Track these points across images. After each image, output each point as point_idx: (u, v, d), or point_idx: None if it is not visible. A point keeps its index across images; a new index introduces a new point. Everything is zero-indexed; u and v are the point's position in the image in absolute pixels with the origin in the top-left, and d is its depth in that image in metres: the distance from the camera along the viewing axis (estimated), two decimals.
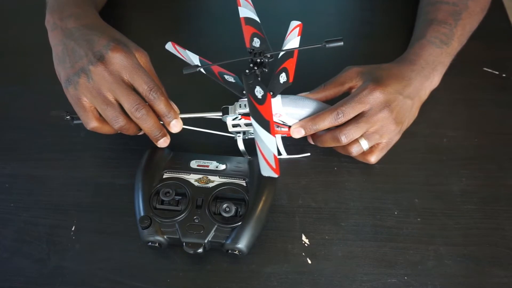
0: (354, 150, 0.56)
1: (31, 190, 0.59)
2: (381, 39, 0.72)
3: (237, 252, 0.51)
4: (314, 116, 0.54)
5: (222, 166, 0.56)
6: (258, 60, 0.48)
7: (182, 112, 0.55)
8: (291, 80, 0.52)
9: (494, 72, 0.68)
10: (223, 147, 0.60)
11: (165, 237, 0.51)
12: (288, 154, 0.60)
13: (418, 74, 0.58)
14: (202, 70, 0.51)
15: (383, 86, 0.54)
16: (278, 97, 0.54)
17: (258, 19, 0.54)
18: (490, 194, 0.58)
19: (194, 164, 0.56)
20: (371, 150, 0.57)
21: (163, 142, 0.55)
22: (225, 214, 0.51)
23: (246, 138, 0.58)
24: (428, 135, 0.62)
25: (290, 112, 0.54)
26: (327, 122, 0.54)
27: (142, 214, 0.52)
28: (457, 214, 0.56)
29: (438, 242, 0.54)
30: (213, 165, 0.56)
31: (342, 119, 0.54)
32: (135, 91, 0.53)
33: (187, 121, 0.56)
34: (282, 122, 0.56)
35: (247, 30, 0.53)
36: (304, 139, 0.59)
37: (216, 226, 0.51)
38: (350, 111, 0.54)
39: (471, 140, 0.62)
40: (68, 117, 0.56)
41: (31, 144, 0.63)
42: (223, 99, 0.56)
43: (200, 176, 0.55)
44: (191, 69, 0.48)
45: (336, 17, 0.77)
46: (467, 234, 0.55)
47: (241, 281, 0.52)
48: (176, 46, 0.55)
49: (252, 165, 0.56)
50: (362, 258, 0.54)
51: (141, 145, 0.59)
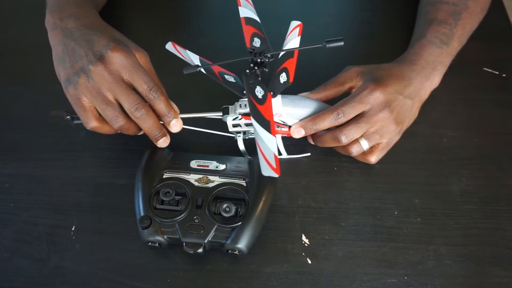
0: (354, 150, 0.56)
1: (31, 190, 0.59)
2: (381, 39, 0.72)
3: (237, 252, 0.51)
4: (314, 116, 0.54)
5: (222, 166, 0.56)
6: (259, 60, 0.48)
7: (182, 112, 0.55)
8: (292, 80, 0.52)
9: (494, 72, 0.68)
10: (223, 147, 0.60)
11: (165, 237, 0.51)
12: (288, 154, 0.60)
13: (418, 74, 0.58)
14: (202, 70, 0.51)
15: (384, 86, 0.54)
16: (279, 97, 0.54)
17: (258, 19, 0.54)
18: (490, 194, 0.58)
19: (194, 164, 0.56)
20: (371, 150, 0.57)
21: (163, 142, 0.55)
22: (225, 214, 0.51)
23: (246, 138, 0.58)
24: (428, 135, 0.62)
25: (291, 112, 0.54)
26: (327, 122, 0.54)
27: (142, 214, 0.52)
28: (457, 214, 0.56)
29: (438, 242, 0.54)
30: (213, 165, 0.56)
31: (342, 119, 0.54)
32: (135, 91, 0.53)
33: (187, 121, 0.56)
34: (283, 122, 0.56)
35: (248, 30, 0.53)
36: (304, 139, 0.59)
37: (216, 226, 0.51)
38: (350, 111, 0.54)
39: (471, 140, 0.62)
40: (68, 117, 0.56)
41: (31, 144, 0.62)
42: (223, 99, 0.55)
43: (200, 176, 0.55)
44: (192, 69, 0.48)
45: (336, 17, 0.77)
46: (467, 234, 0.55)
47: (241, 281, 0.52)
48: (176, 46, 0.55)
49: (252, 165, 0.56)
50: (362, 258, 0.54)
51: (141, 145, 0.59)
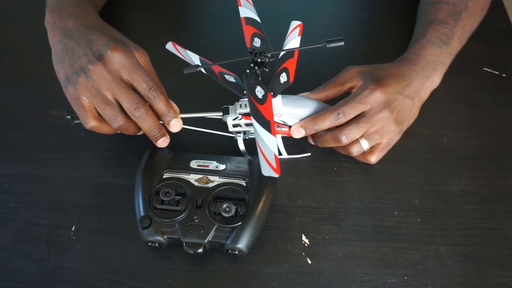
0: (355, 150, 0.56)
1: (31, 190, 0.59)
2: (381, 39, 0.72)
3: (237, 252, 0.51)
4: (315, 116, 0.54)
5: (222, 166, 0.56)
6: (259, 60, 0.48)
7: (182, 112, 0.55)
8: (292, 80, 0.52)
9: (494, 72, 0.68)
10: (223, 147, 0.60)
11: (165, 237, 0.51)
12: (288, 154, 0.60)
13: (419, 74, 0.58)
14: (202, 70, 0.51)
15: (384, 86, 0.54)
16: (279, 97, 0.54)
17: (258, 19, 0.54)
18: (490, 194, 0.58)
19: (194, 164, 0.56)
20: (372, 150, 0.57)
21: (163, 142, 0.55)
22: (225, 214, 0.51)
23: (247, 138, 0.58)
24: (428, 135, 0.62)
25: (291, 112, 0.54)
26: (328, 122, 0.54)
27: (142, 214, 0.52)
28: (457, 214, 0.56)
29: (438, 242, 0.54)
30: (213, 165, 0.56)
31: (342, 119, 0.54)
32: (135, 91, 0.53)
33: (187, 121, 0.56)
34: (283, 122, 0.56)
35: (248, 30, 0.53)
36: (304, 139, 0.59)
37: (216, 226, 0.51)
38: (350, 111, 0.54)
39: (471, 140, 0.62)
40: (68, 117, 0.56)
41: (31, 144, 0.62)
42: (224, 99, 0.55)
43: (200, 176, 0.55)
44: (192, 69, 0.48)
45: (336, 17, 0.77)
46: (467, 234, 0.55)
47: (241, 281, 0.52)
48: (176, 46, 0.55)
49: (252, 165, 0.56)
50: (362, 258, 0.54)
51: (141, 145, 0.59)
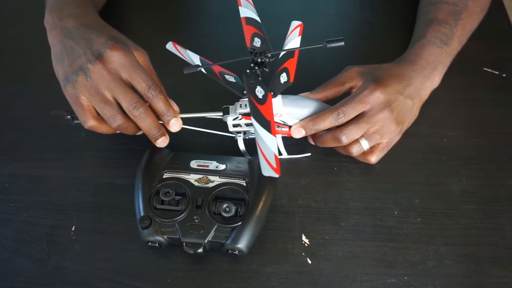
0: (355, 150, 0.56)
1: (31, 190, 0.59)
2: (381, 39, 0.72)
3: (237, 252, 0.51)
4: (315, 116, 0.54)
5: (222, 166, 0.56)
6: (259, 60, 0.48)
7: (182, 112, 0.55)
8: (292, 80, 0.52)
9: (494, 72, 0.68)
10: (223, 147, 0.60)
11: (165, 237, 0.51)
12: (288, 154, 0.60)
13: (419, 74, 0.58)
14: (202, 70, 0.51)
15: (384, 86, 0.54)
16: (279, 97, 0.54)
17: (258, 19, 0.54)
18: (490, 194, 0.58)
19: (194, 164, 0.56)
20: (372, 150, 0.57)
21: (162, 142, 0.55)
22: (225, 214, 0.51)
23: (247, 138, 0.58)
24: (428, 135, 0.62)
25: (291, 112, 0.54)
26: (328, 122, 0.54)
27: (142, 214, 0.52)
28: (457, 214, 0.56)
29: (438, 242, 0.54)
30: (213, 165, 0.56)
31: (342, 119, 0.54)
32: (134, 90, 0.53)
33: (187, 121, 0.56)
34: (283, 122, 0.56)
35: (248, 30, 0.53)
36: (304, 139, 0.59)
37: (216, 226, 0.51)
38: (350, 111, 0.54)
39: (471, 140, 0.62)
40: (68, 116, 0.56)
41: (31, 144, 0.62)
42: (224, 99, 0.55)
43: (200, 176, 0.55)
44: (192, 68, 0.48)
45: (336, 17, 0.77)
46: (467, 234, 0.55)
47: (241, 281, 0.52)
48: (176, 46, 0.55)
49: (252, 165, 0.56)
50: (362, 258, 0.54)
51: (141, 145, 0.59)
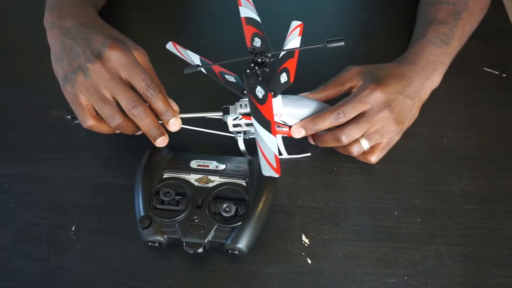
0: (355, 150, 0.56)
1: (31, 190, 0.58)
2: (381, 39, 0.72)
3: (237, 252, 0.51)
4: (315, 116, 0.54)
5: (222, 166, 0.56)
6: (259, 60, 0.48)
7: (182, 112, 0.55)
8: (292, 80, 0.52)
9: (494, 72, 0.68)
10: (223, 147, 0.60)
11: (165, 237, 0.51)
12: (288, 154, 0.60)
13: (419, 74, 0.58)
14: (203, 70, 0.51)
15: (384, 86, 0.54)
16: (279, 97, 0.53)
17: (259, 19, 0.54)
18: (490, 194, 0.58)
19: (194, 164, 0.56)
20: (372, 150, 0.57)
21: (161, 141, 0.55)
22: (225, 214, 0.51)
23: (247, 138, 0.58)
24: (428, 135, 0.62)
25: (291, 112, 0.54)
26: (328, 122, 0.54)
27: (142, 214, 0.52)
28: (457, 214, 0.56)
29: (438, 242, 0.54)
30: (213, 165, 0.56)
31: (342, 119, 0.54)
32: (133, 89, 0.52)
33: (187, 121, 0.56)
34: (283, 122, 0.56)
35: (248, 30, 0.53)
36: (304, 139, 0.59)
37: (216, 226, 0.51)
38: (350, 111, 0.54)
39: (471, 140, 0.62)
40: (68, 116, 0.56)
41: (31, 144, 0.62)
42: (224, 99, 0.55)
43: (200, 176, 0.55)
44: (192, 68, 0.48)
45: (336, 17, 0.77)
46: (467, 234, 0.55)
47: (241, 281, 0.52)
48: (176, 46, 0.55)
49: (252, 165, 0.56)
50: (362, 258, 0.54)
51: (141, 145, 0.59)
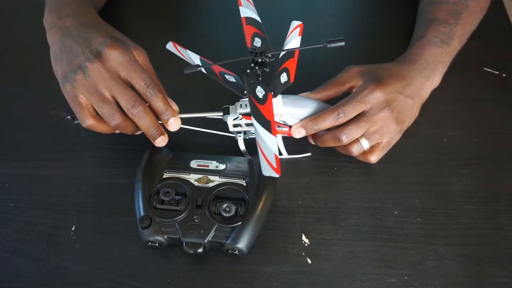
0: (355, 150, 0.56)
1: (31, 190, 0.58)
2: (381, 39, 0.72)
3: (237, 252, 0.51)
4: (315, 116, 0.54)
5: (222, 166, 0.56)
6: (259, 59, 0.48)
7: (182, 112, 0.55)
8: (292, 80, 0.52)
9: (494, 72, 0.68)
10: (223, 147, 0.60)
11: (165, 237, 0.51)
12: (288, 154, 0.60)
13: (419, 74, 0.58)
14: (203, 70, 0.51)
15: (384, 85, 0.54)
16: (279, 97, 0.53)
17: (259, 19, 0.54)
18: (490, 194, 0.58)
19: (194, 164, 0.56)
20: (372, 149, 0.57)
21: (161, 141, 0.55)
22: (225, 214, 0.51)
23: (247, 138, 0.58)
24: (428, 135, 0.62)
25: (291, 112, 0.54)
26: (328, 122, 0.54)
27: (142, 214, 0.52)
28: (457, 214, 0.56)
29: (438, 242, 0.54)
30: (213, 165, 0.56)
31: (343, 119, 0.54)
32: (133, 89, 0.52)
33: (187, 121, 0.56)
34: (283, 122, 0.56)
35: (248, 30, 0.53)
36: (304, 139, 0.59)
37: (216, 226, 0.51)
38: (351, 111, 0.54)
39: (471, 140, 0.62)
40: (68, 117, 0.56)
41: (31, 144, 0.62)
42: (224, 99, 0.55)
43: (200, 176, 0.55)
44: (192, 68, 0.48)
45: (336, 17, 0.77)
46: (467, 234, 0.55)
47: (241, 281, 0.52)
48: (176, 46, 0.55)
49: (252, 165, 0.56)
50: (362, 258, 0.54)
51: (141, 145, 0.59)
